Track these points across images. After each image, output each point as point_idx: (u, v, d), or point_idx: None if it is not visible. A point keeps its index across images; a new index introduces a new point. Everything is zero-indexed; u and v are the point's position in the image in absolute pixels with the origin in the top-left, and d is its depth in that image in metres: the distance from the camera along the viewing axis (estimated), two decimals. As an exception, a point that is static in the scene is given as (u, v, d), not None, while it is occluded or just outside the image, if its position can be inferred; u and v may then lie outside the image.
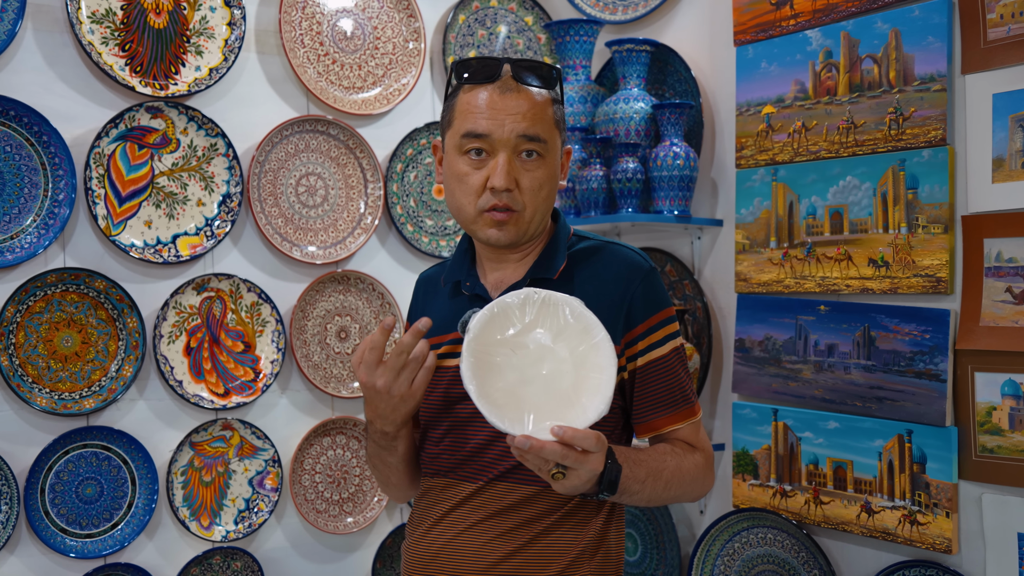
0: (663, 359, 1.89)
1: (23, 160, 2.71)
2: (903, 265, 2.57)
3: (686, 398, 1.92)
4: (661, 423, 1.91)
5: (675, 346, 1.91)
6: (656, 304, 1.89)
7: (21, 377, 2.69)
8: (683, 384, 1.91)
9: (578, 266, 1.92)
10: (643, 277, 1.89)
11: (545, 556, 1.84)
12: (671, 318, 1.91)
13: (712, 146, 3.11)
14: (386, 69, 3.27)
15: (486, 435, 1.86)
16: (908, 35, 2.57)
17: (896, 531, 2.58)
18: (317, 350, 3.13)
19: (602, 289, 1.88)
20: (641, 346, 1.88)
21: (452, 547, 1.88)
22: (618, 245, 1.94)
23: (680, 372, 1.91)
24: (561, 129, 1.92)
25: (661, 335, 1.89)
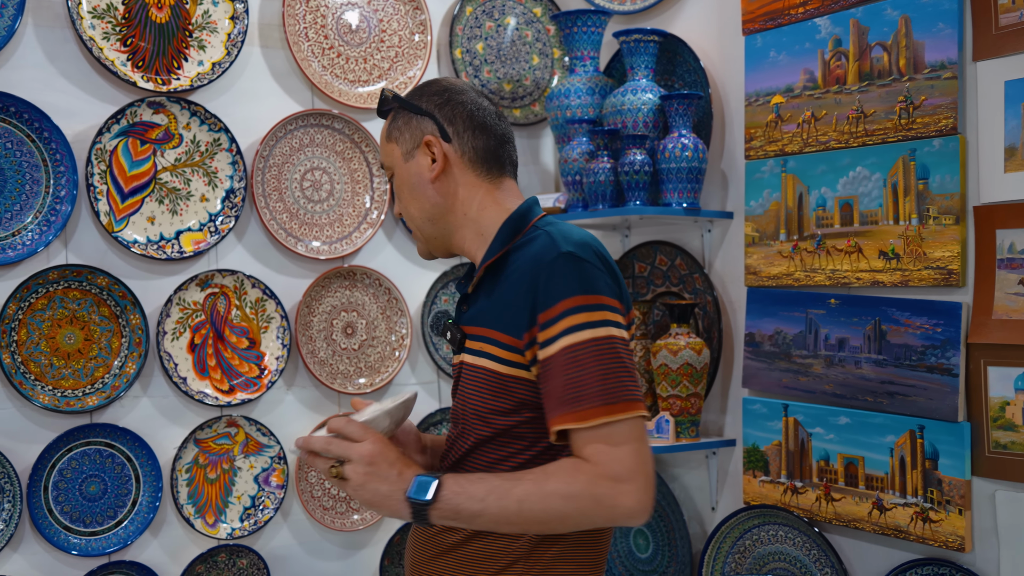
0: (563, 352, 1.67)
1: (24, 157, 2.70)
2: (914, 257, 2.52)
3: (583, 397, 1.66)
4: (555, 422, 1.69)
5: (581, 339, 1.67)
6: (558, 293, 1.69)
7: (23, 375, 2.68)
8: (583, 381, 1.66)
9: (513, 257, 1.81)
10: (547, 264, 1.71)
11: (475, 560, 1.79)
12: (581, 307, 1.68)
13: (721, 137, 3.06)
14: (392, 62, 3.24)
15: (454, 431, 1.89)
16: (918, 22, 2.51)
17: (908, 528, 2.53)
18: (323, 346, 3.11)
19: (515, 282, 1.76)
20: (541, 339, 1.70)
21: (412, 537, 1.92)
22: (545, 232, 1.79)
23: (588, 366, 1.67)
24: (398, 137, 1.92)
25: (561, 327, 1.68)
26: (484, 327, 1.81)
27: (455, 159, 1.88)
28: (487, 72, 3.40)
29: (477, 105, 1.91)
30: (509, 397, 1.77)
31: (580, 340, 1.67)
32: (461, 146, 1.89)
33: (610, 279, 1.75)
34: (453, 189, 1.89)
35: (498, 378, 1.77)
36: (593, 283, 1.71)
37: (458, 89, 1.93)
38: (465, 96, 1.91)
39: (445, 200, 1.89)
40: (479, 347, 1.81)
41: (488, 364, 1.78)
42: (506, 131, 1.94)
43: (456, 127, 1.89)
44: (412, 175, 1.90)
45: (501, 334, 1.76)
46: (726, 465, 3.04)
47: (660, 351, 2.94)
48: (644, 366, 3.07)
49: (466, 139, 1.89)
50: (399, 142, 1.91)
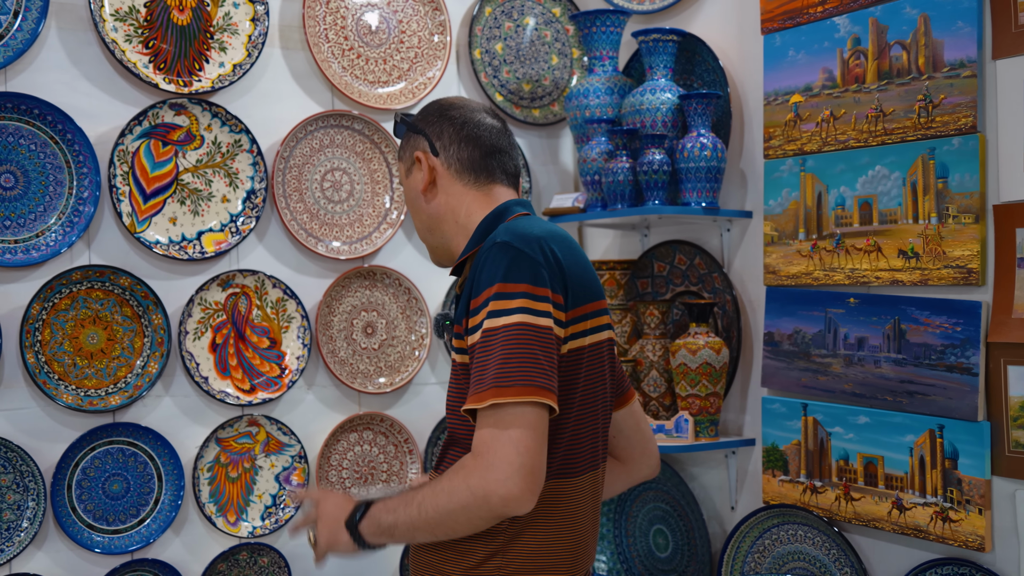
0: (479, 340, 1.72)
1: (48, 158, 2.73)
2: (933, 256, 2.51)
3: (483, 380, 1.68)
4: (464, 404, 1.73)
5: (493, 326, 1.70)
6: (485, 282, 1.74)
7: (47, 374, 2.71)
8: (484, 367, 1.69)
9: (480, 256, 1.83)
10: (483, 255, 1.77)
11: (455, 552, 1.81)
12: (499, 295, 1.71)
13: (740, 136, 3.06)
14: (411, 63, 3.26)
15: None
16: (937, 20, 2.51)
17: (928, 528, 2.53)
18: (343, 346, 3.12)
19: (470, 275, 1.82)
20: (471, 324, 1.75)
21: None
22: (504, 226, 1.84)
23: (493, 351, 1.69)
24: (401, 155, 2.06)
25: (482, 315, 1.72)
26: (457, 323, 1.86)
27: (442, 171, 1.97)
28: (506, 72, 3.41)
29: (467, 119, 1.98)
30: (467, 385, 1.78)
31: (494, 326, 1.70)
32: (447, 158, 1.97)
33: (546, 270, 1.75)
34: (443, 199, 1.98)
35: (461, 368, 1.82)
36: (517, 271, 1.73)
37: (452, 105, 2.01)
38: (456, 111, 2.00)
39: (437, 210, 1.99)
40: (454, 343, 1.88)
41: (456, 356, 1.84)
42: (497, 142, 1.99)
43: (443, 141, 1.98)
44: (411, 190, 2.02)
45: (458, 326, 1.83)
46: (745, 464, 3.04)
47: (679, 350, 2.94)
48: (663, 365, 3.07)
49: (452, 151, 1.97)
50: (402, 160, 2.06)
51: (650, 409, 3.10)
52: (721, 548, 2.98)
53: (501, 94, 3.40)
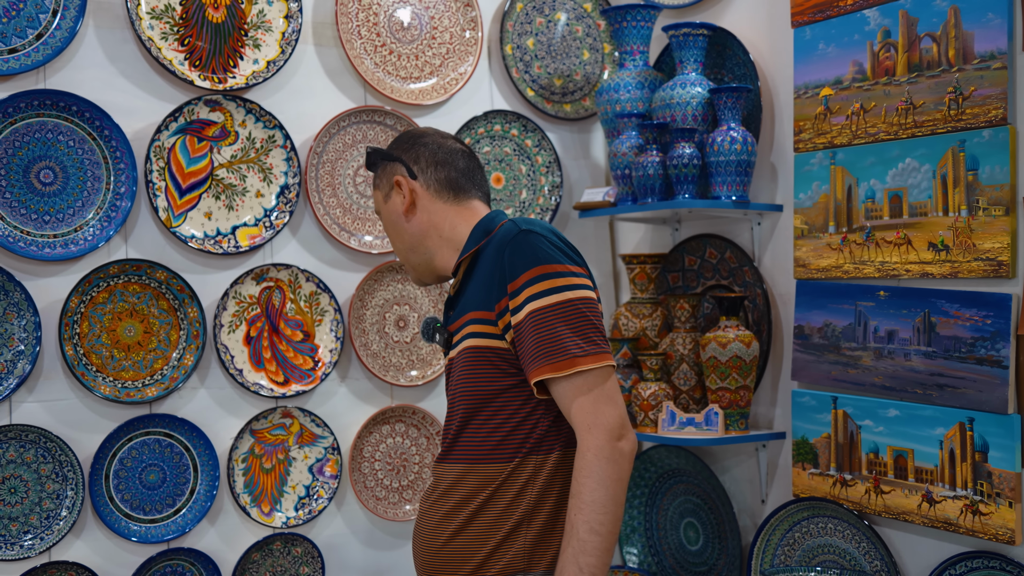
0: (533, 314, 1.91)
1: (86, 154, 2.78)
2: (964, 249, 2.51)
3: (561, 350, 1.89)
4: (533, 374, 1.92)
5: (552, 302, 1.91)
6: (523, 264, 1.94)
7: (85, 366, 2.76)
8: (557, 336, 1.90)
9: (483, 254, 2.06)
10: (510, 242, 1.96)
11: (483, 533, 1.99)
12: (546, 275, 1.93)
13: (771, 130, 3.06)
14: (443, 58, 3.28)
15: (445, 422, 2.11)
16: (967, 12, 2.50)
17: (958, 521, 2.52)
18: (376, 339, 3.16)
19: (485, 266, 2.02)
20: (511, 306, 1.94)
21: (416, 531, 2.11)
22: (510, 221, 2.04)
23: (557, 326, 1.90)
24: (378, 183, 2.22)
25: (530, 292, 1.92)
26: (464, 314, 2.05)
27: (421, 192, 2.15)
28: (537, 68, 3.43)
29: (438, 144, 2.18)
30: (492, 365, 1.99)
31: (545, 304, 1.91)
32: (425, 180, 2.15)
33: (569, 250, 2.00)
34: (425, 218, 2.15)
35: (479, 351, 2.00)
36: (550, 254, 1.95)
37: (423, 133, 2.21)
38: (427, 138, 2.19)
39: (419, 228, 2.16)
40: (462, 332, 2.04)
41: (471, 342, 2.01)
42: (468, 163, 2.19)
43: (420, 164, 2.16)
44: (392, 213, 2.18)
45: (478, 312, 2.00)
46: (775, 458, 3.04)
47: (709, 344, 2.95)
48: (693, 359, 3.08)
49: (429, 173, 2.15)
50: (379, 187, 2.22)
51: (680, 402, 3.11)
52: (751, 541, 2.98)
53: (532, 89, 3.42)
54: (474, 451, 2.01)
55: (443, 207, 2.15)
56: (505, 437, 1.99)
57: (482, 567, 1.98)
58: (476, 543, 1.99)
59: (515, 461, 1.99)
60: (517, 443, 1.99)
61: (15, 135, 2.69)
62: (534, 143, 3.41)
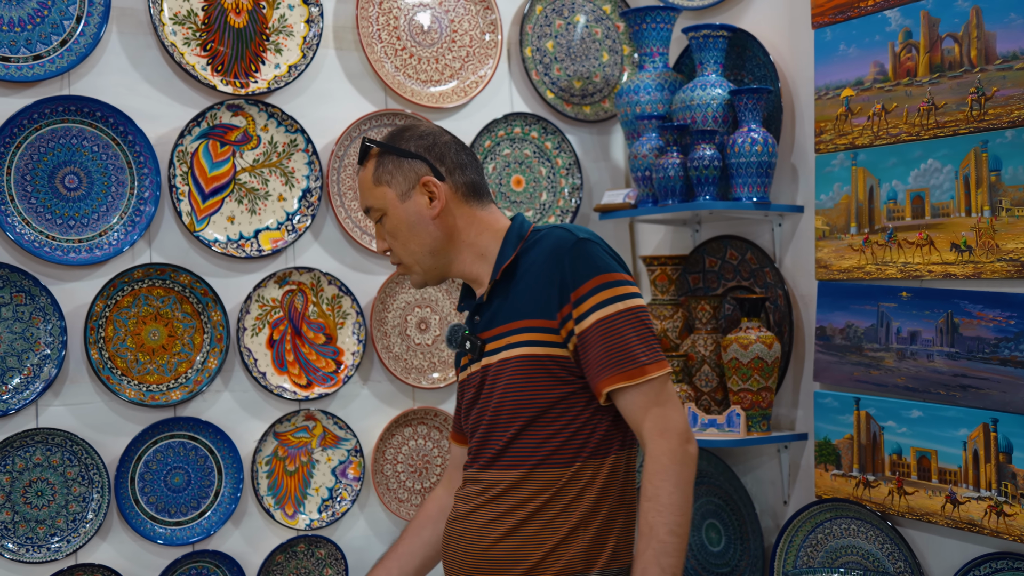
0: (600, 323, 1.94)
1: (110, 160, 2.80)
2: (986, 249, 2.50)
3: (631, 358, 1.93)
4: (603, 384, 1.95)
5: (617, 310, 1.95)
6: (586, 273, 1.96)
7: (111, 370, 2.78)
8: (626, 345, 1.94)
9: (524, 258, 2.07)
10: (569, 250, 1.98)
11: (538, 536, 1.99)
12: (609, 283, 1.96)
13: (792, 131, 3.06)
14: (463, 62, 3.29)
15: (484, 428, 2.08)
16: (989, 12, 2.50)
17: (982, 522, 2.52)
18: (397, 341, 3.17)
19: (539, 273, 2.02)
20: (576, 314, 1.96)
21: (456, 532, 2.10)
22: (558, 228, 2.06)
23: (625, 333, 1.94)
24: (390, 180, 2.11)
25: (595, 301, 1.95)
26: (511, 321, 2.04)
27: (450, 195, 2.11)
28: (557, 70, 3.44)
29: (456, 144, 2.15)
30: (549, 373, 2.00)
31: (611, 312, 1.95)
32: (454, 183, 2.12)
33: (619, 258, 2.03)
34: (452, 221, 2.12)
35: (537, 359, 2.00)
36: (610, 263, 2.00)
37: (435, 131, 2.15)
38: (444, 138, 2.15)
39: (445, 232, 2.12)
40: (510, 340, 2.03)
41: (525, 350, 2.01)
42: (479, 164, 2.18)
43: (446, 166, 2.11)
44: (411, 214, 2.11)
45: (533, 320, 2.01)
46: (798, 459, 3.04)
47: (731, 345, 2.95)
48: (715, 360, 3.08)
49: (456, 176, 2.12)
50: (391, 185, 2.11)
51: (702, 403, 3.11)
52: (774, 542, 2.98)
53: (552, 91, 3.43)
54: (531, 457, 2.01)
55: (468, 211, 2.14)
56: (564, 443, 2.00)
57: (535, 569, 1.99)
58: (530, 546, 2.00)
59: (575, 466, 2.00)
60: (576, 448, 2.01)
61: (40, 141, 2.72)
62: (554, 145, 3.42)
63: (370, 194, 2.14)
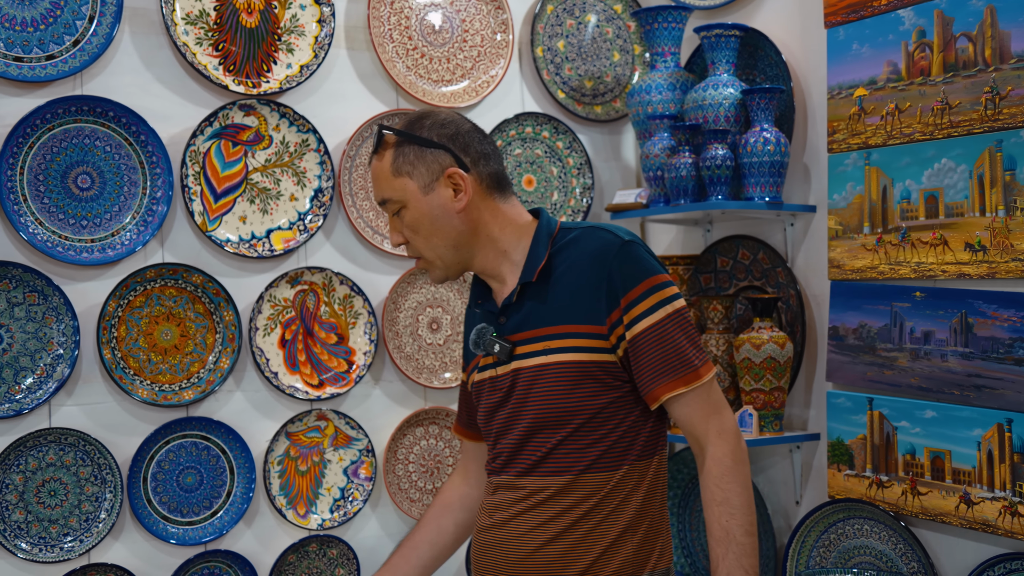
0: (652, 328, 1.91)
1: (122, 159, 2.80)
2: (1001, 249, 2.50)
3: (685, 363, 1.91)
4: (661, 391, 1.92)
5: (667, 313, 1.92)
6: (635, 276, 1.91)
7: (123, 370, 2.78)
8: (680, 349, 1.92)
9: (559, 258, 1.99)
10: (616, 254, 1.92)
11: (586, 540, 1.94)
12: (657, 286, 1.92)
13: (804, 131, 3.05)
14: (474, 61, 3.29)
15: (519, 434, 1.99)
16: (1004, 11, 2.49)
17: (996, 523, 2.51)
18: (409, 341, 3.17)
19: (580, 276, 1.95)
20: (627, 320, 1.91)
21: (495, 540, 2.02)
22: (596, 228, 1.99)
23: (677, 337, 1.92)
24: (411, 171, 1.98)
25: (646, 305, 1.91)
26: (550, 326, 1.96)
27: (476, 187, 2.00)
28: (568, 69, 3.43)
29: (479, 133, 2.04)
30: (596, 380, 1.93)
31: (664, 315, 1.91)
32: (478, 174, 2.00)
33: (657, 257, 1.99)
34: (476, 215, 2.01)
35: (583, 366, 1.93)
36: (657, 265, 1.96)
37: (456, 119, 2.03)
38: (466, 125, 2.03)
39: (469, 226, 2.01)
40: (549, 345, 1.95)
41: (569, 356, 1.94)
42: (500, 154, 2.10)
43: (470, 156, 2.00)
44: (434, 207, 1.99)
45: (579, 326, 1.93)
46: (810, 459, 3.04)
47: (743, 345, 2.94)
48: (727, 360, 3.08)
49: (481, 166, 2.01)
50: (412, 176, 1.98)
51: (714, 404, 3.11)
52: (786, 543, 2.98)
53: (563, 91, 3.42)
54: (578, 462, 1.95)
55: (492, 205, 2.03)
56: (611, 447, 1.95)
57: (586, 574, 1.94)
58: (578, 551, 1.95)
59: (622, 469, 1.96)
60: (622, 451, 1.96)
61: (53, 141, 2.72)
62: (565, 145, 3.41)
63: (388, 186, 2.01)
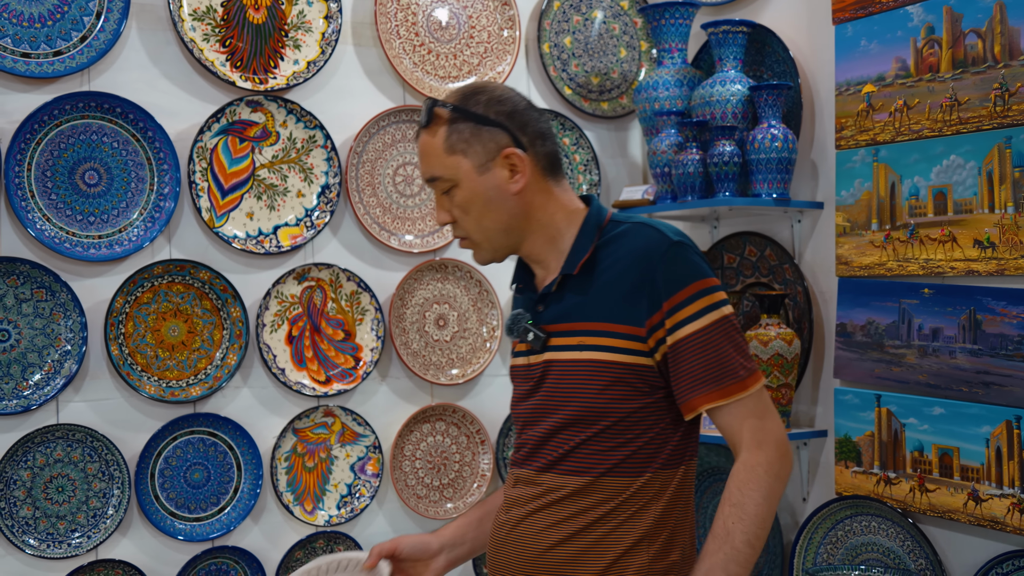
0: (696, 335, 1.79)
1: (130, 156, 2.80)
2: (1010, 246, 2.49)
3: (729, 372, 1.79)
4: (699, 401, 1.80)
5: (712, 320, 1.79)
6: (681, 280, 1.79)
7: (131, 366, 2.78)
8: (725, 358, 1.79)
9: (603, 253, 1.87)
10: (663, 254, 1.80)
11: (601, 544, 1.84)
12: (704, 291, 1.80)
13: (811, 127, 3.05)
14: (481, 58, 3.29)
15: (544, 428, 1.89)
16: (1013, 7, 2.48)
17: (1005, 520, 2.51)
18: (416, 338, 3.17)
19: (623, 274, 1.83)
20: (668, 324, 1.79)
21: (509, 538, 1.92)
22: (645, 225, 1.87)
23: (723, 346, 1.79)
24: (466, 148, 1.86)
25: (691, 310, 1.79)
26: (587, 321, 1.85)
27: (532, 168, 1.89)
28: (575, 66, 3.43)
29: (535, 111, 1.92)
30: (627, 384, 1.82)
31: (710, 322, 1.79)
32: (536, 155, 1.89)
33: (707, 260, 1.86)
34: (531, 198, 1.89)
35: (616, 367, 1.82)
36: (704, 268, 1.83)
37: (512, 95, 1.91)
38: (523, 102, 1.91)
39: (524, 209, 1.90)
40: (584, 341, 1.85)
41: (602, 356, 1.83)
42: (555, 133, 1.97)
43: (528, 136, 1.88)
44: (489, 188, 1.87)
45: (617, 325, 1.82)
46: (817, 456, 3.03)
47: (750, 341, 2.94)
48: (734, 357, 3.07)
49: (537, 147, 1.89)
50: (467, 155, 1.87)
51: (721, 400, 3.10)
52: (793, 539, 2.97)
53: (570, 87, 3.42)
54: (600, 464, 1.85)
55: (546, 188, 1.91)
56: (635, 452, 1.85)
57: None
58: (590, 555, 1.85)
59: (645, 476, 1.85)
60: (647, 458, 1.85)
61: (60, 137, 2.72)
62: (572, 141, 3.41)
63: (439, 163, 1.87)
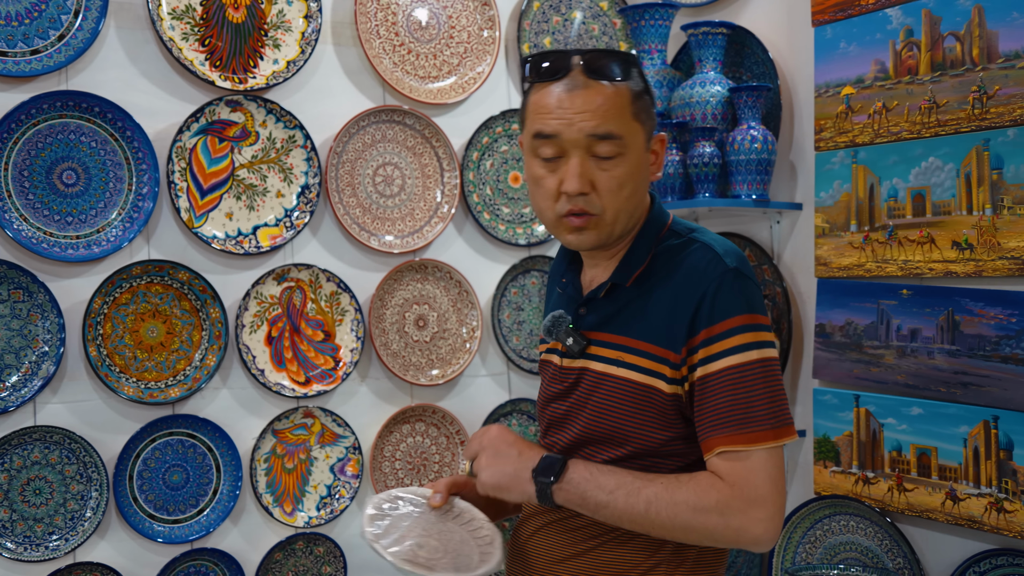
0: (730, 370, 1.63)
1: (108, 155, 2.78)
2: (988, 247, 2.51)
3: (755, 419, 1.62)
4: (716, 441, 1.64)
5: (751, 359, 1.63)
6: (728, 310, 1.64)
7: (109, 367, 2.76)
8: (754, 403, 1.62)
9: (658, 263, 1.76)
10: (716, 279, 1.67)
11: (616, 564, 1.76)
12: (750, 326, 1.65)
13: (790, 129, 3.07)
14: (461, 58, 3.28)
15: (569, 436, 1.81)
16: (992, 11, 2.50)
17: (982, 519, 2.53)
18: (396, 338, 3.16)
19: (673, 293, 1.71)
20: (701, 355, 1.65)
21: (532, 540, 1.86)
22: (703, 243, 1.74)
23: (756, 387, 1.62)
24: (644, 120, 1.75)
25: (730, 343, 1.63)
26: (628, 336, 1.75)
27: None
28: (554, 66, 3.42)
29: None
30: (658, 412, 1.71)
31: (747, 360, 1.63)
32: None
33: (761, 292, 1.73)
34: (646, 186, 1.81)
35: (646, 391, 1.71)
36: (757, 303, 1.69)
37: None
38: None
39: (643, 197, 1.79)
40: (620, 356, 1.75)
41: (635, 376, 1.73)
42: None
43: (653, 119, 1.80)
44: (642, 167, 1.75)
45: (654, 347, 1.71)
46: (796, 456, 3.05)
47: (730, 342, 2.95)
48: (713, 357, 3.08)
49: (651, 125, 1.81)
50: (646, 127, 1.76)
51: (700, 401, 3.11)
52: (772, 539, 2.99)
53: (549, 88, 3.41)
54: None
55: None
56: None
57: None
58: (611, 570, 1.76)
59: None
60: None
61: (38, 136, 2.69)
62: (551, 142, 3.41)
63: (624, 123, 1.71)
